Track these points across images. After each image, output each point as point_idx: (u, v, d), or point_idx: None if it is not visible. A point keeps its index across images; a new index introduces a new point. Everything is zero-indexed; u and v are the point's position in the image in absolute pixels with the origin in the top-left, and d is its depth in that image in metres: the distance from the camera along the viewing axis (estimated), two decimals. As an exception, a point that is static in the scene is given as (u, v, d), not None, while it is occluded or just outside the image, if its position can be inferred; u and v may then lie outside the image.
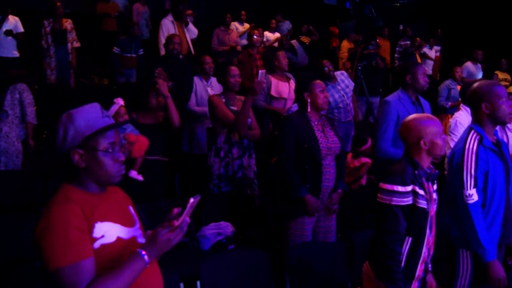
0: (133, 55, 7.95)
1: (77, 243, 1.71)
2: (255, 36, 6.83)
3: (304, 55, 9.91)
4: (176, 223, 1.79)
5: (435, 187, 2.72)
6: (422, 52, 10.32)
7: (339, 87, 5.78)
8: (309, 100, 3.67)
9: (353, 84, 6.18)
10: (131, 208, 2.06)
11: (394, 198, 2.53)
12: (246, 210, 4.38)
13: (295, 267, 3.39)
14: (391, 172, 2.62)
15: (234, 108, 4.43)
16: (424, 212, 2.56)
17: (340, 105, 5.62)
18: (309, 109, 3.69)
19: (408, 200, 2.54)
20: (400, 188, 2.52)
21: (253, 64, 6.59)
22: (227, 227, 4.05)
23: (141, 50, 8.03)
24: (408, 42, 10.05)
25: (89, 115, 1.86)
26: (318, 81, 3.74)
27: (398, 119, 3.86)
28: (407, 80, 3.97)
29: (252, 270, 3.33)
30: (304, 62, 9.87)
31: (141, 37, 8.71)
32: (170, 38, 5.81)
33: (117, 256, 1.82)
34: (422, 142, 2.58)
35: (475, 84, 3.05)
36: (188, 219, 1.81)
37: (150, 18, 9.48)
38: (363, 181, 5.02)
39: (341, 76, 5.93)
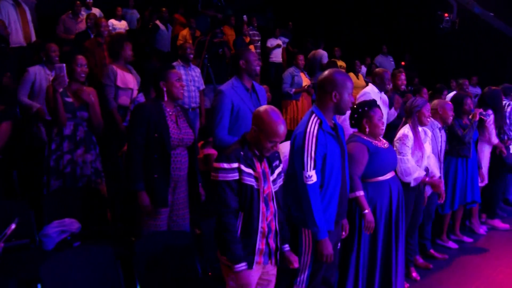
0: None
1: None
2: (103, 25, 6.54)
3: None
4: None
5: (277, 170, 2.88)
6: (256, 40, 10.62)
7: (190, 72, 5.95)
8: (164, 89, 3.62)
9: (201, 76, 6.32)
10: None
11: (220, 174, 2.70)
12: (94, 205, 4.22)
13: (144, 260, 3.34)
14: (221, 152, 2.79)
15: (69, 100, 4.23)
16: (252, 189, 2.73)
17: (185, 87, 5.76)
18: (165, 98, 3.64)
19: (233, 176, 2.72)
20: (225, 165, 2.71)
21: (101, 54, 6.30)
22: (71, 224, 3.85)
23: None
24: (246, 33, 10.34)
25: None
26: (174, 70, 3.71)
27: (233, 107, 3.94)
28: (241, 65, 4.04)
29: (99, 267, 3.21)
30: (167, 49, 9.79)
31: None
32: None
33: None
34: (255, 128, 2.76)
35: (328, 72, 3.18)
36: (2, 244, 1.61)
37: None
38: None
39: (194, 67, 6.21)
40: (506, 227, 6.25)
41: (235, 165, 2.70)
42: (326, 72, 3.19)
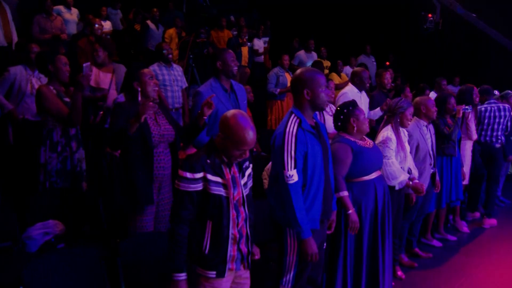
0: None
1: None
2: (96, 25, 6.51)
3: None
4: None
5: (247, 171, 2.80)
6: (247, 43, 10.60)
7: (173, 72, 5.91)
8: (139, 89, 3.62)
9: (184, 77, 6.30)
10: None
11: (182, 184, 2.58)
12: (79, 206, 4.19)
13: (129, 262, 3.31)
14: (187, 159, 2.65)
15: (67, 99, 4.22)
16: (220, 197, 2.62)
17: (168, 88, 5.73)
18: (139, 98, 3.61)
19: (196, 187, 2.58)
20: (188, 175, 2.56)
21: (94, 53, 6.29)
22: (55, 226, 3.82)
23: None
24: (236, 33, 10.31)
25: None
26: (146, 70, 3.71)
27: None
28: (218, 66, 4.04)
29: (84, 269, 3.18)
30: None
31: None
32: None
33: None
34: (222, 135, 2.62)
35: (298, 71, 3.20)
36: None
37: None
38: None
39: (176, 67, 6.16)
40: (493, 223, 6.35)
41: (200, 175, 2.56)
42: (296, 72, 3.22)
